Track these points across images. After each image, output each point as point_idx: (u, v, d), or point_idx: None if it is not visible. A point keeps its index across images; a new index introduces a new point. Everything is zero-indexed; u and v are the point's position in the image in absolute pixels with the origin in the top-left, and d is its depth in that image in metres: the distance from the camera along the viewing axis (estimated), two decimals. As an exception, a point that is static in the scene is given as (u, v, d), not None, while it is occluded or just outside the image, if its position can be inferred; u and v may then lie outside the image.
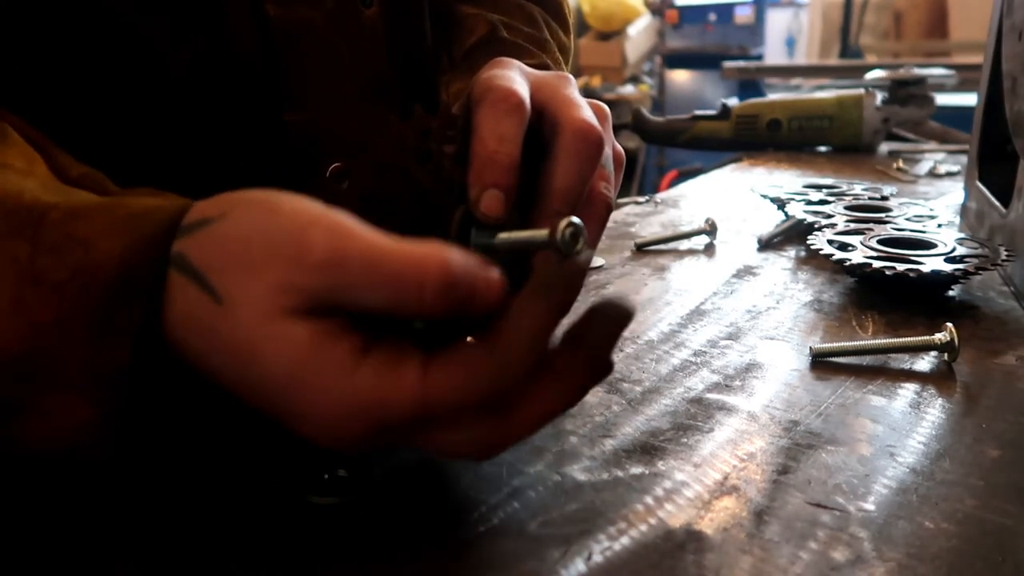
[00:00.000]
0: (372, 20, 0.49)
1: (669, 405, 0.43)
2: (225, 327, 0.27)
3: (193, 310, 0.28)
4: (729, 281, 0.65)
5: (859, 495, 0.34)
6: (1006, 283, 0.62)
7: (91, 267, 0.27)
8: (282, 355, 0.27)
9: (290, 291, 0.27)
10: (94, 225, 0.28)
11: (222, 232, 0.28)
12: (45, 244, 0.28)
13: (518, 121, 0.36)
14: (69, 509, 0.34)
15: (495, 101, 0.36)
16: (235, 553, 0.31)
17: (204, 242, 0.28)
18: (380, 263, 0.27)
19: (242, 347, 0.27)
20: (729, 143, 1.32)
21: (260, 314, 0.27)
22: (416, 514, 0.33)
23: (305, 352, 0.27)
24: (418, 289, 0.26)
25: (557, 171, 0.37)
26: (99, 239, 0.28)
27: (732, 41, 3.97)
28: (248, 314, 0.27)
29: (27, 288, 0.27)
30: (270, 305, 0.27)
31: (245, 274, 0.27)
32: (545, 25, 0.60)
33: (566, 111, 0.38)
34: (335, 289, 0.27)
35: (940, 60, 2.57)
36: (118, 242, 0.28)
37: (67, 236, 0.28)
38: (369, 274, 0.27)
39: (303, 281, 0.27)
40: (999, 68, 0.68)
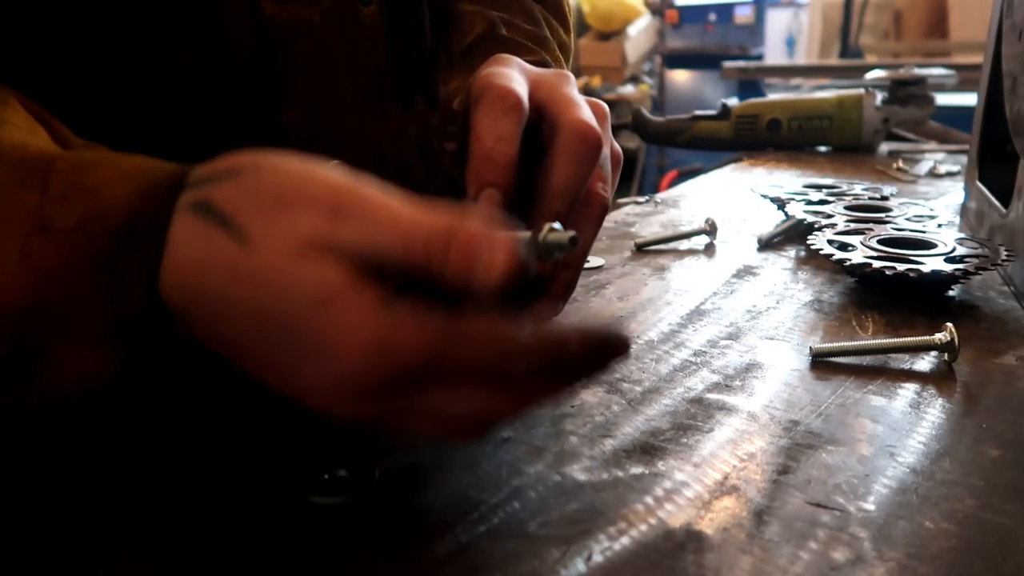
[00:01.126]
0: (371, 19, 0.49)
1: (669, 405, 0.43)
2: (250, 264, 0.27)
3: (213, 253, 0.27)
4: (729, 281, 0.65)
5: (859, 495, 0.34)
6: (1006, 283, 0.62)
7: (99, 214, 0.27)
8: (312, 288, 0.27)
9: (320, 237, 0.27)
10: (101, 175, 0.28)
11: (252, 182, 0.28)
12: (53, 193, 0.28)
13: (516, 120, 0.36)
14: (71, 506, 0.34)
15: (493, 100, 0.36)
16: (235, 552, 0.31)
17: (232, 190, 0.28)
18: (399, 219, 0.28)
19: (268, 281, 0.27)
20: (729, 143, 1.32)
21: (289, 251, 0.27)
22: (416, 514, 0.33)
23: (336, 287, 0.27)
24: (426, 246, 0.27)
25: (555, 171, 0.37)
26: (106, 187, 0.28)
27: (732, 41, 3.97)
28: (277, 251, 0.27)
29: (36, 237, 0.27)
30: (300, 246, 0.27)
31: (275, 218, 0.28)
32: (545, 23, 0.60)
33: (565, 111, 0.38)
34: (363, 242, 0.27)
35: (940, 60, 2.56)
36: (125, 190, 0.28)
37: (75, 185, 0.28)
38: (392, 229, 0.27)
39: (333, 230, 0.27)
40: (999, 68, 0.68)
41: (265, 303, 0.27)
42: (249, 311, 0.28)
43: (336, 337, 0.27)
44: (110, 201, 0.28)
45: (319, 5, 0.46)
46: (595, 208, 0.41)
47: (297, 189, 0.28)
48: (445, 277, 0.28)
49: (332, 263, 0.27)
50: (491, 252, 0.28)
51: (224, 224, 0.28)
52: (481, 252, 0.28)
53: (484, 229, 0.28)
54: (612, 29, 4.37)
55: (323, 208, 0.28)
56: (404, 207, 0.28)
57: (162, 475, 0.37)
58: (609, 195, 0.41)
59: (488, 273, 0.28)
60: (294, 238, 0.27)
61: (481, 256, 0.27)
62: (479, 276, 0.28)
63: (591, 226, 0.41)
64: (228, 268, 0.27)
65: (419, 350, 0.27)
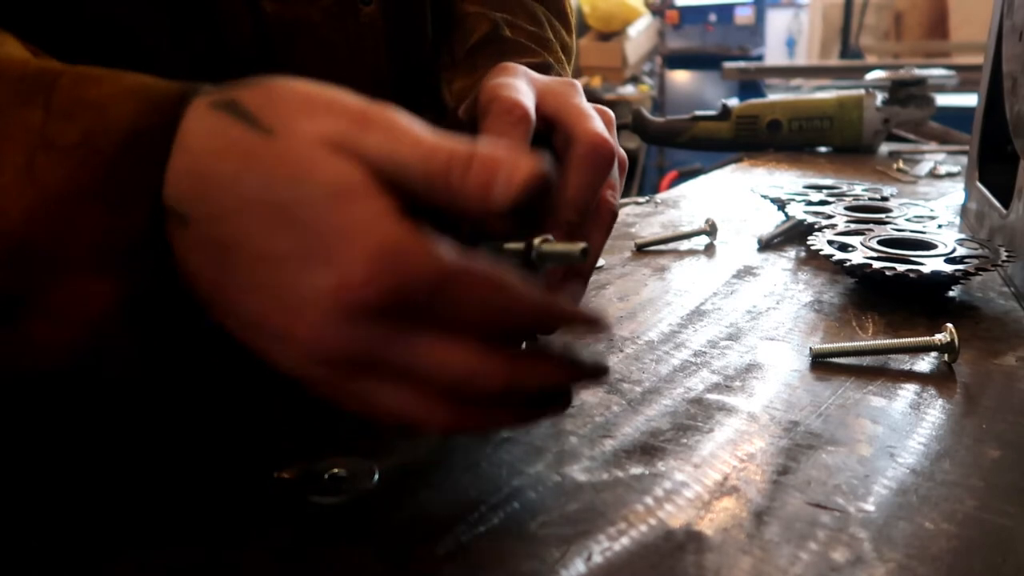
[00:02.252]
0: (371, 18, 0.49)
1: (669, 405, 0.43)
2: (270, 151, 0.27)
3: (231, 143, 0.27)
4: (729, 282, 0.65)
5: (859, 496, 0.34)
6: (1006, 284, 0.62)
7: (103, 130, 0.27)
8: (331, 179, 0.26)
9: (345, 139, 0.27)
10: (105, 90, 0.28)
11: (279, 88, 0.29)
12: (57, 109, 0.27)
13: (523, 132, 0.36)
14: (71, 505, 0.34)
15: (500, 112, 0.36)
16: (234, 552, 0.31)
17: (259, 92, 0.28)
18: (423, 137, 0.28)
19: (285, 170, 0.26)
20: (729, 144, 1.32)
21: (312, 144, 0.27)
22: (416, 514, 0.33)
23: (354, 184, 0.26)
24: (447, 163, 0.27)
25: (570, 183, 0.37)
26: (110, 102, 0.27)
27: (732, 42, 3.97)
28: (299, 144, 0.27)
29: (39, 154, 0.26)
30: (324, 141, 0.27)
31: (301, 117, 0.27)
32: (548, 24, 0.60)
33: (579, 123, 0.38)
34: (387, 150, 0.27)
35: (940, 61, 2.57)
36: (130, 104, 0.27)
37: (78, 100, 0.27)
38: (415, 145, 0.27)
39: (360, 135, 0.27)
40: (999, 69, 0.68)
41: (279, 189, 0.26)
42: (260, 198, 0.26)
43: (349, 234, 0.26)
44: (114, 115, 0.27)
45: (319, 4, 0.46)
46: (605, 216, 0.41)
47: (324, 96, 0.28)
48: (465, 197, 0.27)
49: (354, 163, 0.27)
50: (513, 165, 0.27)
51: (247, 119, 0.27)
52: (502, 167, 0.27)
53: (507, 151, 0.28)
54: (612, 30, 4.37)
55: (351, 116, 0.28)
56: (428, 131, 0.28)
57: (161, 474, 0.37)
58: (618, 202, 0.42)
59: (509, 185, 0.27)
60: (318, 134, 0.27)
61: (502, 170, 0.27)
62: (499, 187, 0.27)
63: (601, 234, 0.41)
64: (246, 154, 0.27)
65: (429, 269, 0.26)
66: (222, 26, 0.42)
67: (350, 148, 0.27)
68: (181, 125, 0.27)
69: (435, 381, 0.28)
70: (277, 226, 0.26)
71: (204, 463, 0.37)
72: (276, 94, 0.28)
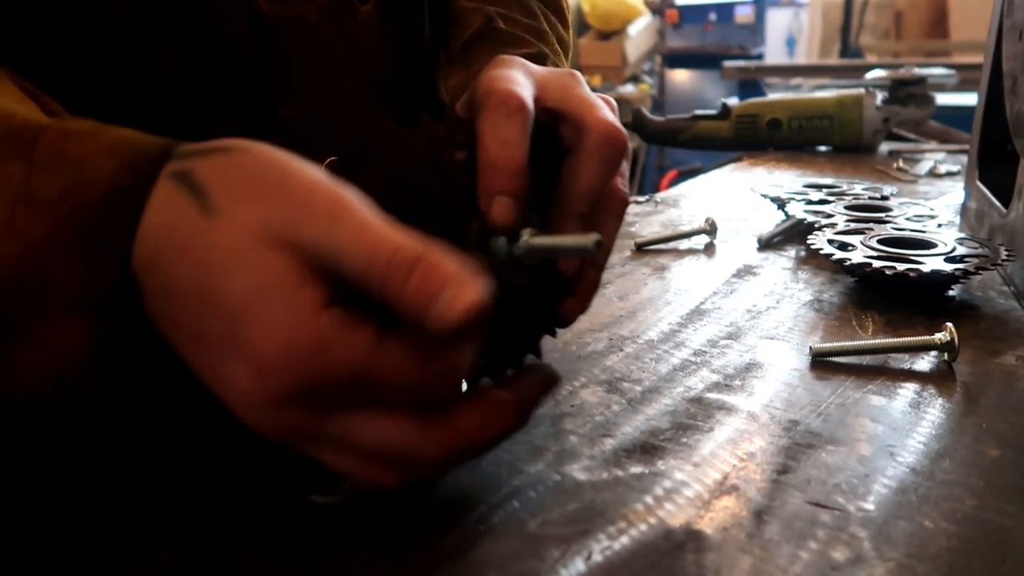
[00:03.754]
0: (368, 16, 0.49)
1: (669, 405, 0.43)
2: (206, 237, 0.27)
3: (177, 220, 0.28)
4: (729, 281, 0.65)
5: (859, 495, 0.34)
6: (1006, 283, 0.62)
7: (82, 186, 0.28)
8: (255, 274, 0.27)
9: (283, 227, 0.27)
10: (87, 147, 0.29)
11: (237, 161, 0.29)
12: (39, 164, 0.28)
13: (521, 123, 0.35)
14: (69, 504, 0.34)
15: (496, 105, 0.36)
16: (234, 551, 0.31)
17: (216, 165, 0.29)
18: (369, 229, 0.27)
19: (216, 257, 0.27)
20: (729, 143, 1.32)
21: (247, 234, 0.27)
22: (416, 513, 0.33)
23: (278, 278, 0.27)
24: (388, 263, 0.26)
25: (581, 174, 0.37)
26: (90, 159, 0.28)
27: (732, 41, 3.97)
28: (235, 231, 0.27)
29: (20, 207, 0.27)
30: (260, 231, 0.27)
31: (247, 199, 0.28)
32: (543, 17, 0.60)
33: (589, 113, 0.37)
34: (325, 242, 0.27)
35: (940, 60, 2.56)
36: (109, 163, 0.28)
37: (60, 156, 0.28)
38: (356, 238, 0.27)
39: (298, 222, 0.27)
40: (999, 68, 0.68)
41: (206, 280, 0.27)
42: (191, 286, 0.27)
43: (264, 329, 0.26)
44: (94, 173, 0.28)
45: (315, 3, 0.46)
46: (617, 204, 0.41)
47: (277, 177, 0.28)
48: (401, 301, 0.27)
49: (283, 256, 0.27)
50: (458, 288, 0.26)
51: (197, 195, 0.28)
52: (447, 285, 0.26)
53: (456, 266, 0.27)
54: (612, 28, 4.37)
55: (296, 200, 0.28)
56: (378, 221, 0.28)
57: (160, 474, 0.37)
58: (627, 189, 0.41)
59: (449, 308, 0.26)
60: (258, 222, 0.27)
61: (446, 290, 0.26)
62: (438, 309, 0.26)
63: (613, 222, 0.41)
64: (184, 237, 0.28)
65: (344, 361, 0.27)
66: (218, 26, 0.42)
67: (287, 238, 0.27)
68: (152, 192, 0.28)
69: (374, 454, 0.29)
70: (203, 313, 0.28)
71: (205, 463, 0.37)
72: (233, 168, 0.29)
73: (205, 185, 0.28)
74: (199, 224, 0.27)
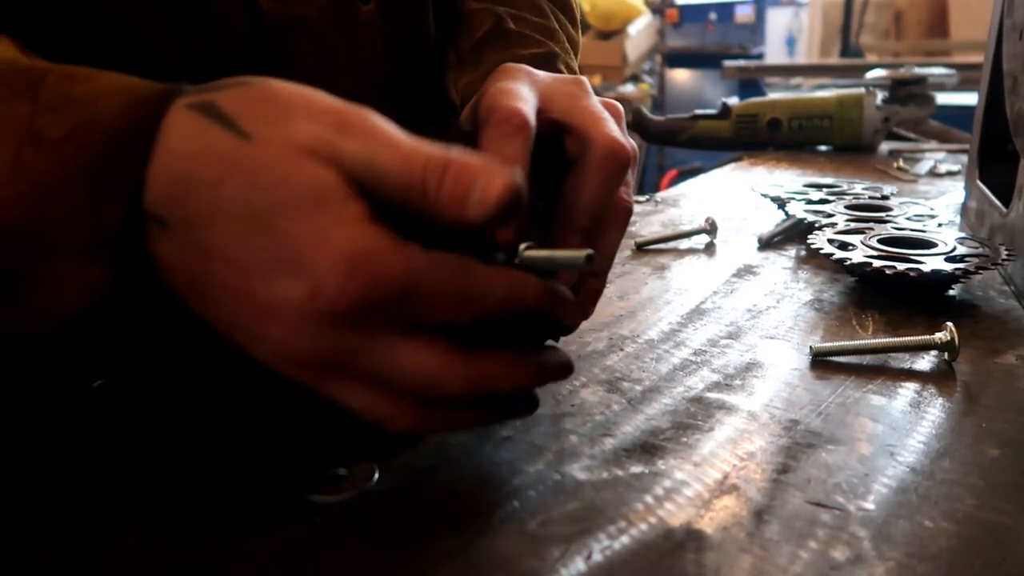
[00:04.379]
0: (369, 16, 0.49)
1: (669, 404, 0.43)
2: (247, 157, 0.27)
3: (210, 146, 0.27)
4: (729, 280, 0.65)
5: (859, 494, 0.34)
6: (1006, 282, 0.62)
7: (89, 124, 0.27)
8: (306, 186, 0.27)
9: (323, 144, 0.28)
10: (92, 86, 0.28)
11: (259, 91, 0.29)
12: (44, 103, 0.28)
13: (522, 140, 0.35)
14: (70, 503, 0.34)
15: (499, 122, 0.35)
16: (233, 550, 0.31)
17: (238, 96, 0.29)
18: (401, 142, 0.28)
19: (264, 174, 0.27)
20: (729, 142, 1.32)
21: (289, 152, 0.27)
22: (416, 513, 0.33)
23: (329, 191, 0.27)
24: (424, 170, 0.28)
25: (586, 188, 0.37)
26: (97, 98, 0.28)
27: (732, 40, 3.97)
28: (278, 148, 0.27)
29: (27, 147, 0.27)
30: (302, 147, 0.27)
31: (279, 123, 0.28)
32: (553, 17, 0.60)
33: (594, 127, 0.38)
34: (363, 156, 0.28)
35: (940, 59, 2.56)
36: (114, 101, 0.28)
37: (65, 95, 0.28)
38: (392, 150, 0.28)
39: (337, 140, 0.28)
40: (1000, 67, 0.68)
41: (256, 196, 0.27)
42: (237, 205, 0.27)
43: (322, 243, 0.27)
44: (100, 110, 0.28)
45: (317, 2, 0.46)
46: (621, 214, 0.40)
47: (305, 102, 0.29)
48: (439, 203, 0.28)
49: (329, 170, 0.27)
50: (488, 178, 0.28)
51: (225, 122, 0.28)
52: (478, 178, 0.28)
53: (483, 160, 0.28)
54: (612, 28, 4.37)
55: (329, 120, 0.28)
56: (404, 136, 0.29)
57: (163, 474, 0.37)
58: (632, 199, 0.41)
59: (485, 196, 0.28)
60: (297, 140, 0.28)
61: (478, 182, 0.28)
62: (474, 200, 0.28)
63: (617, 232, 0.41)
64: (224, 160, 0.27)
65: (399, 273, 0.27)
66: (220, 25, 0.42)
67: (327, 154, 0.28)
68: (162, 124, 0.28)
69: (399, 384, 0.29)
70: (253, 233, 0.27)
71: (205, 463, 0.37)
72: (256, 96, 0.29)
73: (232, 114, 0.28)
74: (235, 148, 0.27)
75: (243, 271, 0.28)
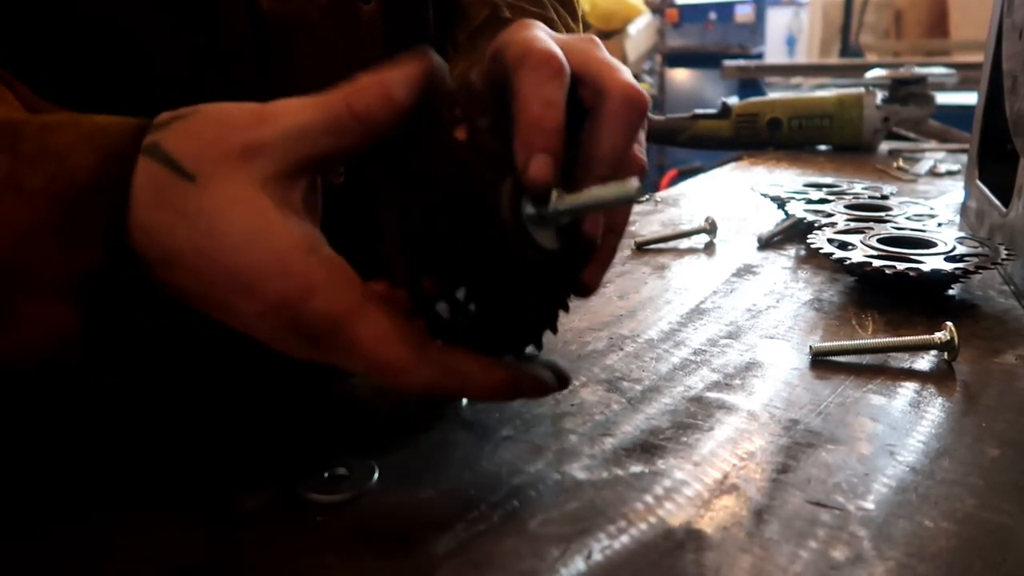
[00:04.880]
0: (370, 16, 0.49)
1: (669, 404, 0.43)
2: (195, 201, 0.30)
3: (162, 189, 0.30)
4: (729, 280, 0.65)
5: (859, 494, 0.34)
6: (1006, 282, 0.62)
7: (65, 176, 0.29)
8: (242, 223, 0.29)
9: (250, 143, 0.30)
10: (65, 137, 0.30)
11: (192, 123, 0.31)
12: (23, 155, 0.29)
13: (561, 85, 0.35)
14: (70, 503, 0.34)
15: (536, 65, 0.35)
16: (234, 550, 0.31)
17: (177, 132, 0.31)
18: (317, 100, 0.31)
19: (210, 215, 0.29)
20: (729, 142, 1.32)
21: (226, 187, 0.30)
22: (416, 512, 0.33)
23: (264, 223, 0.30)
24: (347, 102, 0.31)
25: (603, 137, 0.36)
26: (71, 150, 0.30)
27: (732, 40, 3.97)
28: (217, 187, 0.30)
29: (8, 196, 0.29)
30: (236, 178, 0.30)
31: (214, 153, 0.30)
32: (552, 9, 0.60)
33: (610, 75, 0.37)
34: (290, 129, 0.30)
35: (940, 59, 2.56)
36: (88, 153, 0.30)
37: (42, 147, 0.30)
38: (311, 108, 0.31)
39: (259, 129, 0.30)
40: (999, 67, 0.68)
41: (200, 240, 0.30)
42: (188, 247, 0.30)
43: (260, 275, 0.29)
44: (75, 162, 0.29)
45: (317, 2, 0.46)
46: (635, 170, 0.39)
47: (225, 114, 0.31)
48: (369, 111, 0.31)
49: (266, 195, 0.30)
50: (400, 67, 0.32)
51: (170, 164, 0.30)
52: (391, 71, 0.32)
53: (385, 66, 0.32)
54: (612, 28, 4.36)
55: (247, 118, 0.31)
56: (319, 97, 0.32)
57: (162, 474, 0.37)
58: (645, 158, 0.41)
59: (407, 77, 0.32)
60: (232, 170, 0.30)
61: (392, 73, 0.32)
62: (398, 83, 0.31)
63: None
64: (173, 206, 0.30)
65: (327, 310, 0.30)
66: (220, 24, 0.42)
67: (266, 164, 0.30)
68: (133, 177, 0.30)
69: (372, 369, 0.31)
70: (213, 266, 0.30)
71: (205, 462, 0.37)
72: (193, 131, 0.31)
73: (173, 155, 0.30)
74: (184, 192, 0.30)
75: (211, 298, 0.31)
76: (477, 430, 0.40)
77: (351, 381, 0.44)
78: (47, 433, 0.40)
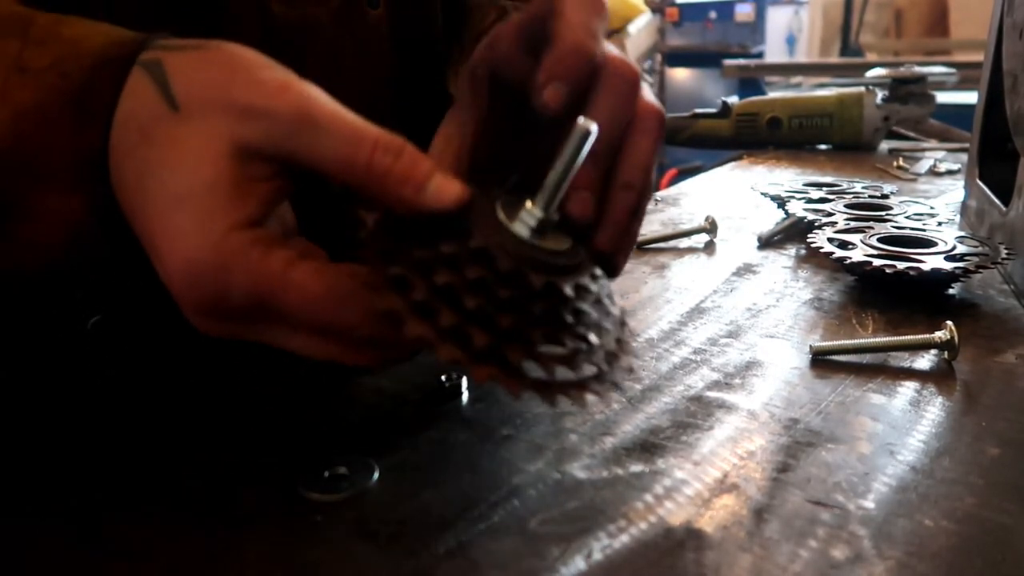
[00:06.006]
0: (378, 21, 0.49)
1: (669, 403, 0.43)
2: (164, 129, 0.29)
3: (138, 109, 0.29)
4: (729, 279, 0.65)
5: (859, 493, 0.34)
6: (1006, 281, 0.62)
7: (72, 57, 0.29)
8: (183, 180, 0.28)
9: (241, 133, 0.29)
10: (77, 28, 0.30)
11: (209, 56, 0.30)
12: (33, 39, 0.29)
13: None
14: (67, 499, 0.34)
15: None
16: (234, 549, 0.31)
17: (188, 61, 0.30)
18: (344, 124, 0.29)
19: (157, 155, 0.28)
20: (729, 141, 1.32)
21: (199, 136, 0.28)
22: (416, 512, 0.33)
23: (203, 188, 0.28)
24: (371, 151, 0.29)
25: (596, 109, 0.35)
26: (82, 38, 0.30)
27: (732, 39, 3.97)
28: (193, 128, 0.28)
29: (13, 77, 0.29)
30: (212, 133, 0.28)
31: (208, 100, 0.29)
32: None
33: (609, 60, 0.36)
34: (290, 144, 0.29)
35: (940, 58, 2.57)
36: (99, 39, 0.30)
37: (54, 34, 0.30)
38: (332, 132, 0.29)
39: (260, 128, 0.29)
40: (1000, 66, 0.68)
41: (148, 178, 0.29)
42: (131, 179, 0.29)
43: (171, 244, 0.28)
44: (85, 46, 0.29)
45: (327, 5, 0.46)
46: (648, 120, 0.37)
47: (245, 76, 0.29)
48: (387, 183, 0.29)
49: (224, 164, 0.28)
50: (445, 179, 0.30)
51: (162, 86, 0.29)
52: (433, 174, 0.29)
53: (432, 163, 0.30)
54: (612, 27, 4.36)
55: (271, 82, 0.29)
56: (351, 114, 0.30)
57: (162, 473, 0.37)
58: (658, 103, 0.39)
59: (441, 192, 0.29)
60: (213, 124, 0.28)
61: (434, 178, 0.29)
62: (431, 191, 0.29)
63: (646, 138, 0.37)
64: (142, 129, 0.29)
65: (242, 285, 0.28)
66: (230, 27, 0.42)
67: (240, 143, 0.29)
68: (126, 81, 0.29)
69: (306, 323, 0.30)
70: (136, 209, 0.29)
71: (205, 462, 0.37)
72: (202, 65, 0.30)
73: (171, 77, 0.29)
74: (159, 117, 0.29)
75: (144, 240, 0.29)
76: (477, 430, 0.40)
77: (351, 381, 0.44)
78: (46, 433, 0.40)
